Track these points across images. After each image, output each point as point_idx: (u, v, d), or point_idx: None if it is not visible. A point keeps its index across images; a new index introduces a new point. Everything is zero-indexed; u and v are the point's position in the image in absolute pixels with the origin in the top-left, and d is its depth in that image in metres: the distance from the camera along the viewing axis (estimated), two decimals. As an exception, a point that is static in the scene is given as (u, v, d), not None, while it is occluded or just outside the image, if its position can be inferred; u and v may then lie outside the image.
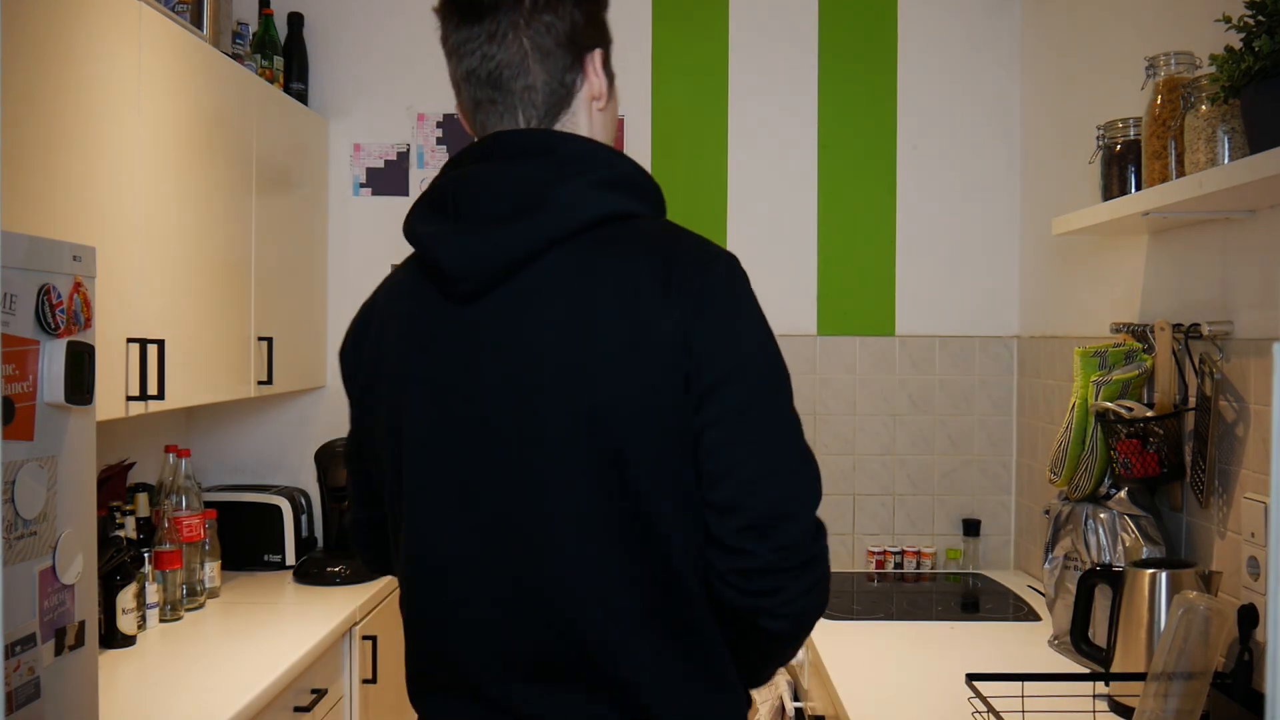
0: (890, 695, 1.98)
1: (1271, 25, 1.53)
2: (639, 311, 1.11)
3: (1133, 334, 2.20)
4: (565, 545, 1.13)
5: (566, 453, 1.12)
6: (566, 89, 1.22)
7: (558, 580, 1.13)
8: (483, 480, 1.16)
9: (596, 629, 1.12)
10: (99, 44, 1.96)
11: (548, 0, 1.20)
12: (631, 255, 1.14)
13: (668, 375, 1.11)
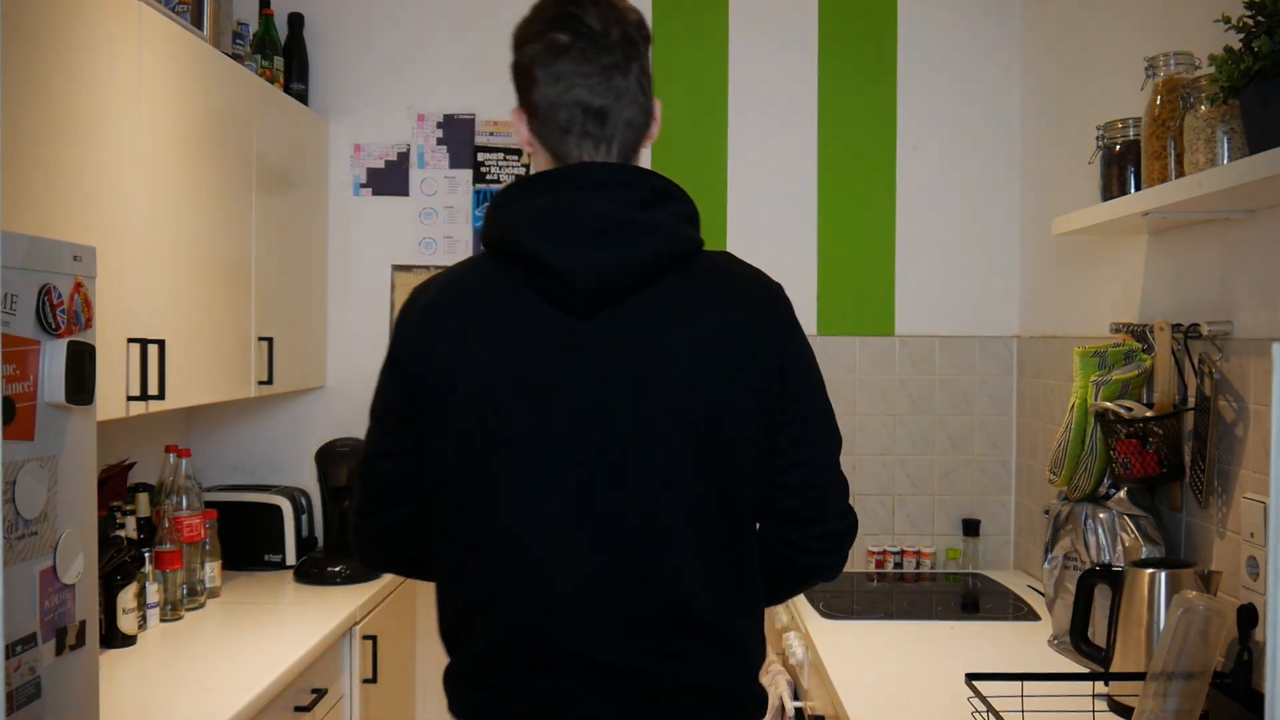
0: (890, 695, 1.99)
1: (1271, 25, 1.53)
2: (743, 338, 1.34)
3: (1132, 334, 2.20)
4: (672, 531, 1.32)
5: (679, 455, 1.31)
6: (645, 127, 1.39)
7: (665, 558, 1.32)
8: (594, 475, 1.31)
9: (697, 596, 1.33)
10: (99, 44, 1.96)
11: (641, 44, 1.35)
12: (729, 288, 1.37)
13: (766, 392, 1.34)
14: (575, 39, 1.32)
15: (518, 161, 3.19)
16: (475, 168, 3.19)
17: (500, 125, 3.19)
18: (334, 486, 3.00)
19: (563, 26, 1.33)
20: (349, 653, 2.57)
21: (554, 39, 1.33)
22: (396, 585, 2.99)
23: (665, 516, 1.32)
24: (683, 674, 1.34)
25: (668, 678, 1.34)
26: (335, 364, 3.21)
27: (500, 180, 3.19)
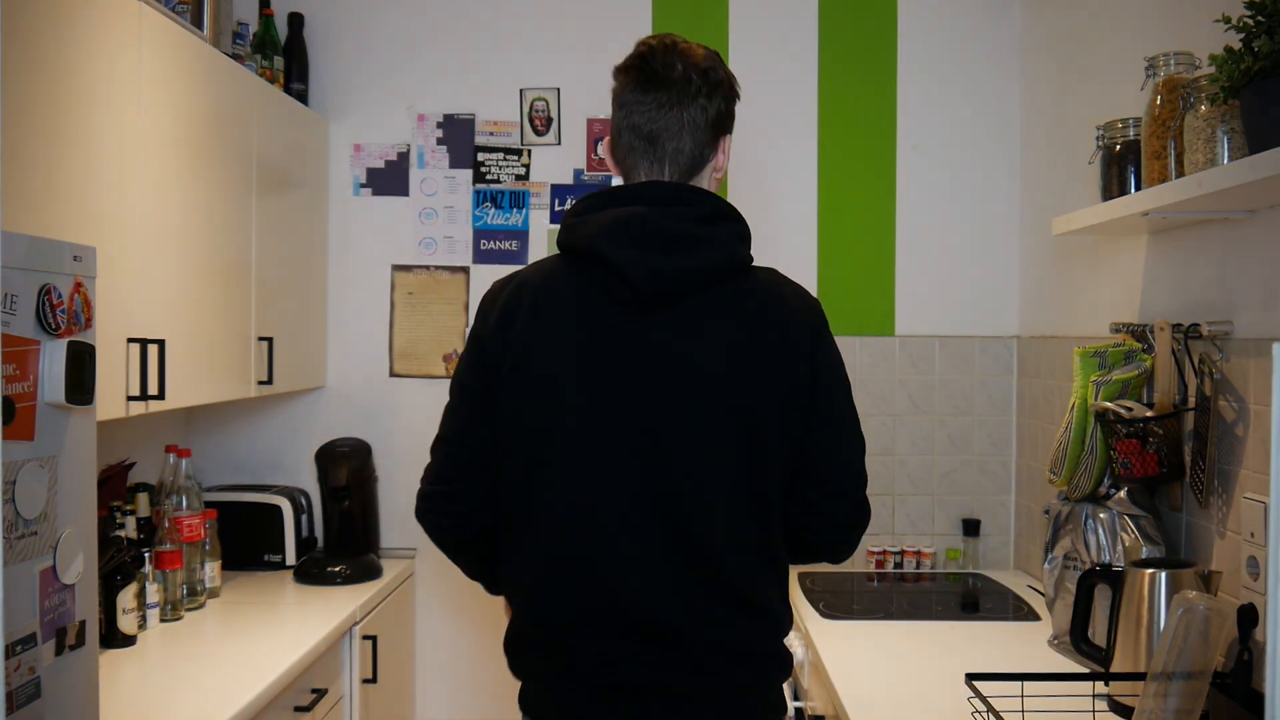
0: (890, 695, 1.99)
1: (1271, 25, 1.53)
2: (785, 344, 1.53)
3: (1132, 334, 2.20)
4: (715, 508, 1.51)
5: (719, 438, 1.50)
6: (702, 158, 1.59)
7: (708, 530, 1.50)
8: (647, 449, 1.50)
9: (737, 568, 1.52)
10: (99, 44, 1.96)
11: (705, 89, 1.56)
12: (775, 299, 1.55)
13: (801, 391, 1.54)
14: (640, 76, 1.56)
15: (518, 161, 3.19)
16: (475, 168, 3.19)
17: (500, 125, 3.19)
18: (334, 486, 3.00)
19: (634, 64, 1.58)
20: (349, 653, 2.57)
21: (625, 75, 1.58)
22: (396, 585, 2.99)
23: (708, 492, 1.50)
24: (722, 637, 1.52)
25: (710, 639, 1.51)
26: (335, 364, 3.21)
27: (500, 180, 3.19)
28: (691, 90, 1.55)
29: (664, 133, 1.56)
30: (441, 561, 3.20)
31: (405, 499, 3.18)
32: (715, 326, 1.52)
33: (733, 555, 1.52)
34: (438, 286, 3.20)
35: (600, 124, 3.18)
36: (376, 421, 3.19)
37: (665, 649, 1.51)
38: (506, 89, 3.19)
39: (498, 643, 3.27)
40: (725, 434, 1.50)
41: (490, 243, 3.19)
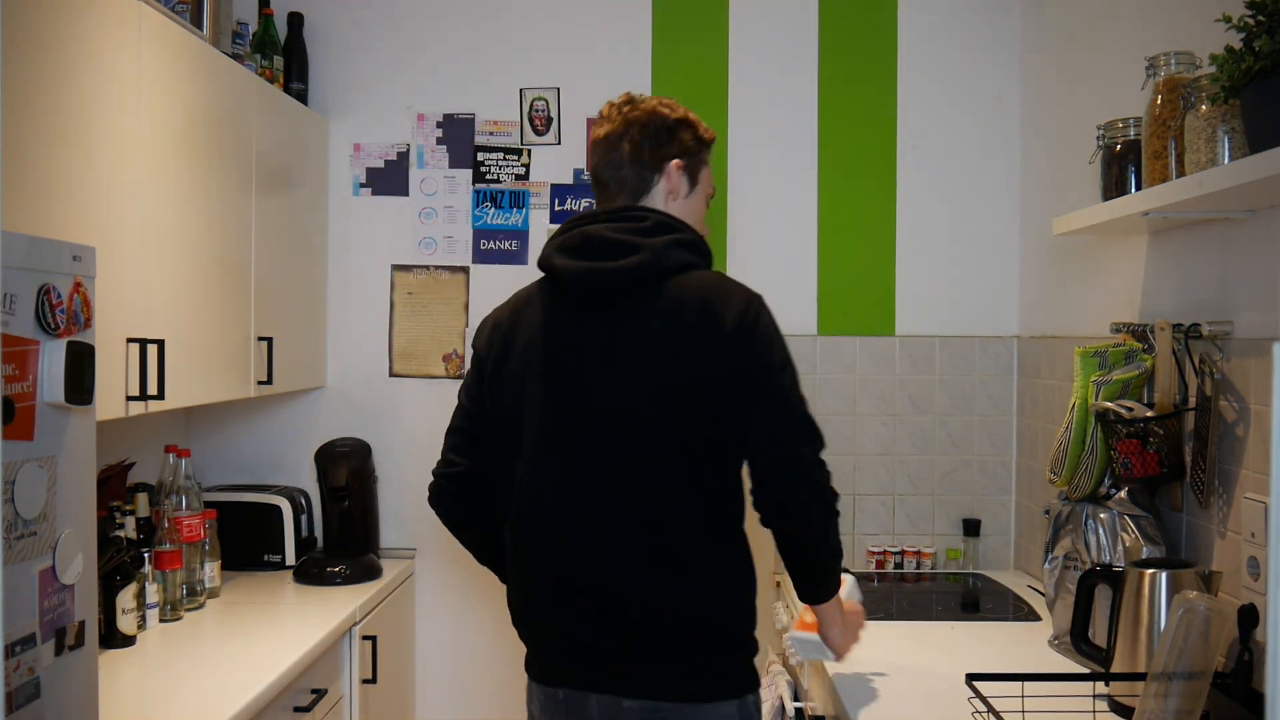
0: (890, 695, 1.98)
1: (1271, 25, 1.53)
2: (712, 331, 1.70)
3: (1133, 334, 2.20)
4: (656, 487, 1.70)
5: (654, 424, 1.70)
6: (646, 182, 1.85)
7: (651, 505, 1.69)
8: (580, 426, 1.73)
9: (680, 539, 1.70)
10: (99, 44, 1.96)
11: (625, 125, 1.86)
12: (705, 294, 1.73)
13: (728, 370, 1.69)
14: (599, 127, 1.89)
15: (517, 161, 3.19)
16: (475, 167, 3.19)
17: (499, 125, 3.19)
18: (334, 486, 3.00)
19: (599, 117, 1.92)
20: (349, 653, 2.57)
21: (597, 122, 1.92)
22: (396, 585, 2.99)
23: (649, 472, 1.70)
24: (665, 602, 1.69)
25: (653, 605, 1.69)
26: (335, 364, 3.21)
27: (500, 180, 3.19)
28: (616, 133, 1.85)
29: (607, 173, 1.86)
30: (441, 562, 3.21)
31: (405, 499, 3.19)
32: (646, 319, 1.73)
33: (676, 527, 1.70)
34: (438, 286, 3.20)
35: (600, 124, 3.18)
36: (376, 421, 3.19)
37: (616, 614, 1.70)
38: (506, 89, 3.19)
39: (498, 643, 3.29)
40: (656, 417, 1.70)
41: (490, 242, 3.19)
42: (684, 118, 1.90)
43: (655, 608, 1.69)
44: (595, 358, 1.74)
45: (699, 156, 1.90)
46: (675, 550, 1.70)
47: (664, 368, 1.71)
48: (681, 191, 1.87)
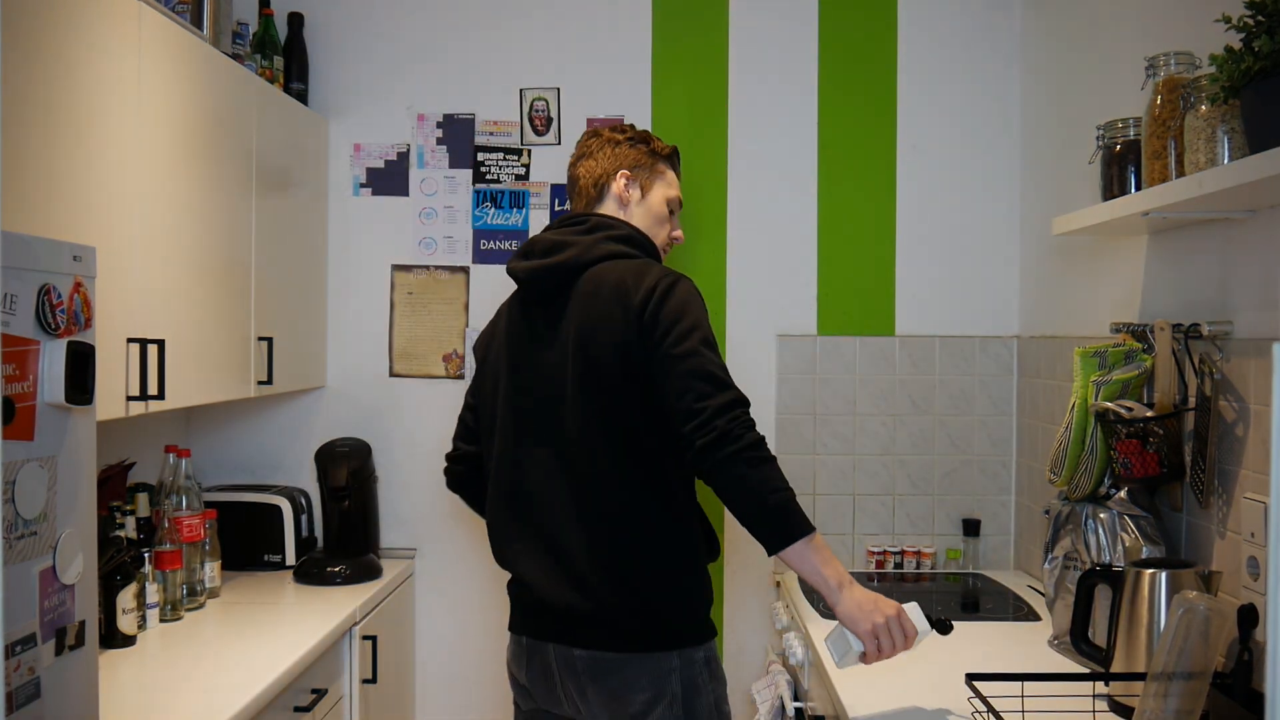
0: (890, 695, 1.98)
1: (1271, 25, 1.53)
2: (623, 308, 1.89)
3: (1133, 334, 2.20)
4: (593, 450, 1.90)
5: (586, 397, 1.91)
6: (600, 190, 2.13)
7: (590, 467, 1.91)
8: (534, 405, 1.99)
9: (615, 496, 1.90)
10: (99, 44, 1.96)
11: (580, 147, 2.18)
12: (621, 276, 1.93)
13: (637, 344, 1.87)
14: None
15: (517, 161, 3.19)
16: (475, 167, 3.19)
17: (500, 125, 3.19)
18: (334, 486, 3.00)
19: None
20: (349, 653, 2.57)
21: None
22: (396, 585, 2.99)
23: (586, 438, 1.91)
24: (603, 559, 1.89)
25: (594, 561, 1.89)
26: (335, 364, 3.21)
27: (500, 180, 3.19)
28: (581, 151, 2.17)
29: (577, 180, 2.15)
30: (442, 562, 3.21)
31: (405, 499, 3.19)
32: (576, 307, 1.95)
33: (609, 490, 1.89)
34: (437, 286, 3.20)
35: (600, 124, 3.18)
36: (376, 421, 3.19)
37: (564, 571, 1.92)
38: (506, 89, 3.19)
39: (498, 643, 3.28)
40: (584, 391, 1.91)
41: (490, 242, 3.19)
42: (633, 136, 2.16)
43: (595, 563, 1.89)
44: (540, 343, 2.00)
45: (651, 168, 2.15)
46: (609, 510, 1.90)
47: (586, 345, 1.92)
48: (632, 198, 2.12)
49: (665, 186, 2.15)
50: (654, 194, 2.14)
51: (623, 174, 2.12)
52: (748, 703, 3.07)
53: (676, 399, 1.82)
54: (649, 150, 2.15)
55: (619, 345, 1.88)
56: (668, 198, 2.15)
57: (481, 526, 3.19)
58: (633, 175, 2.13)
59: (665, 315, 1.87)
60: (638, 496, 1.90)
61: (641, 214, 2.12)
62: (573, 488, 1.92)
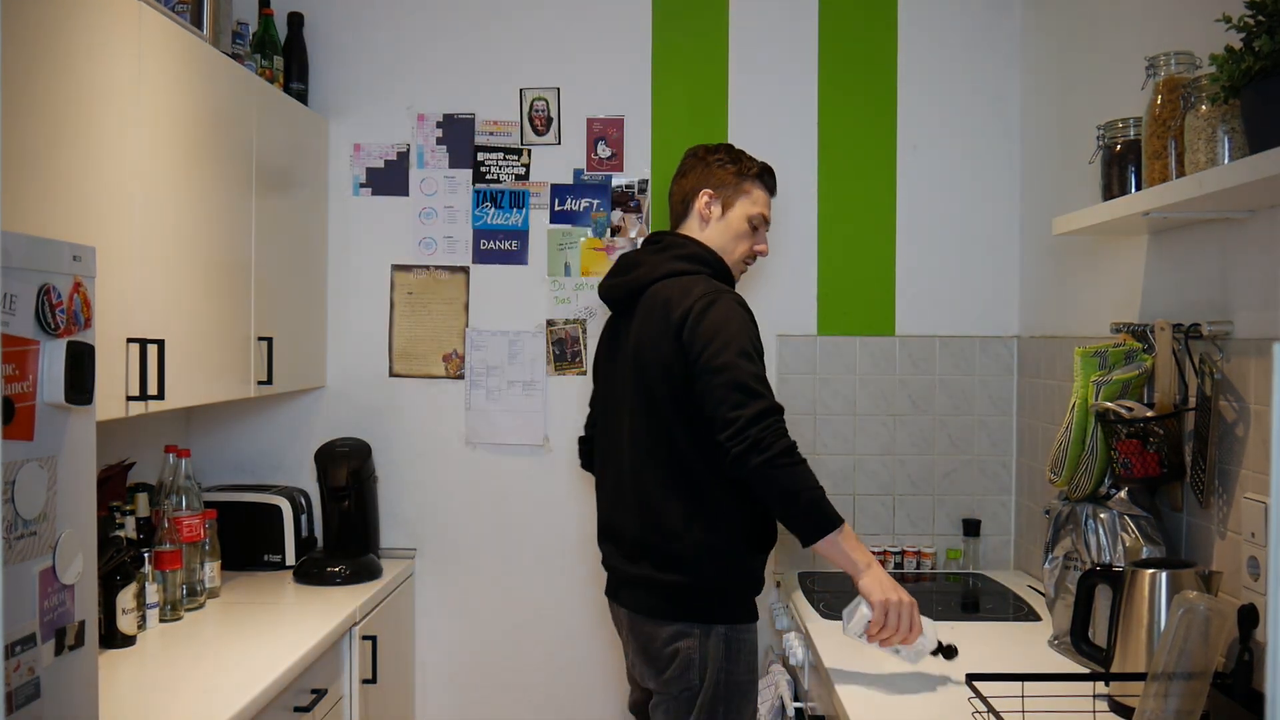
0: (890, 695, 1.98)
1: (1271, 25, 1.53)
2: (668, 319, 2.15)
3: (1133, 334, 2.20)
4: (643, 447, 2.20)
5: (638, 400, 2.21)
6: (685, 207, 2.37)
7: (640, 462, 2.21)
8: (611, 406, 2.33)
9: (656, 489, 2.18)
10: (99, 44, 1.96)
11: (682, 164, 2.41)
12: (671, 294, 2.18)
13: (676, 356, 2.13)
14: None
15: (517, 161, 3.19)
16: (475, 167, 3.19)
17: (500, 125, 3.19)
18: (334, 486, 3.00)
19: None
20: (349, 653, 2.57)
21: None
22: (396, 585, 2.99)
23: (639, 437, 2.20)
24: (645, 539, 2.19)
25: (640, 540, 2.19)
26: (335, 364, 3.21)
27: (500, 180, 3.19)
28: (677, 172, 2.41)
29: (672, 198, 2.40)
30: (441, 562, 3.21)
31: (405, 499, 3.19)
32: (637, 321, 2.24)
33: (654, 481, 2.17)
34: (437, 286, 3.20)
35: (599, 123, 3.18)
36: (376, 421, 3.19)
37: (620, 547, 2.26)
38: (506, 89, 3.19)
39: (497, 642, 3.29)
40: (636, 396, 2.21)
41: (490, 242, 3.19)
42: (729, 151, 2.38)
43: (640, 544, 2.19)
44: (615, 353, 2.33)
45: (736, 186, 2.34)
46: (653, 502, 2.17)
47: (639, 357, 2.20)
48: (713, 216, 2.33)
49: (748, 204, 2.34)
50: (735, 211, 2.33)
51: (705, 192, 2.32)
52: (748, 703, 3.07)
53: (713, 409, 2.04)
54: (736, 170, 2.34)
55: (662, 358, 2.14)
56: (749, 215, 2.33)
57: (481, 527, 3.20)
58: (715, 194, 2.32)
59: (702, 332, 2.08)
60: (671, 495, 2.15)
61: (720, 230, 2.32)
62: (630, 478, 2.22)
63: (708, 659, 2.14)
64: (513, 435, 3.18)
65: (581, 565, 3.19)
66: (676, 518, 2.14)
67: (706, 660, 2.14)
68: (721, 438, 2.02)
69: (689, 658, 2.14)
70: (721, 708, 2.14)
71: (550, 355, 3.18)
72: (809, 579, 2.97)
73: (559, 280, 3.18)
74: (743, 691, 2.17)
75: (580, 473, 3.16)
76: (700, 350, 2.07)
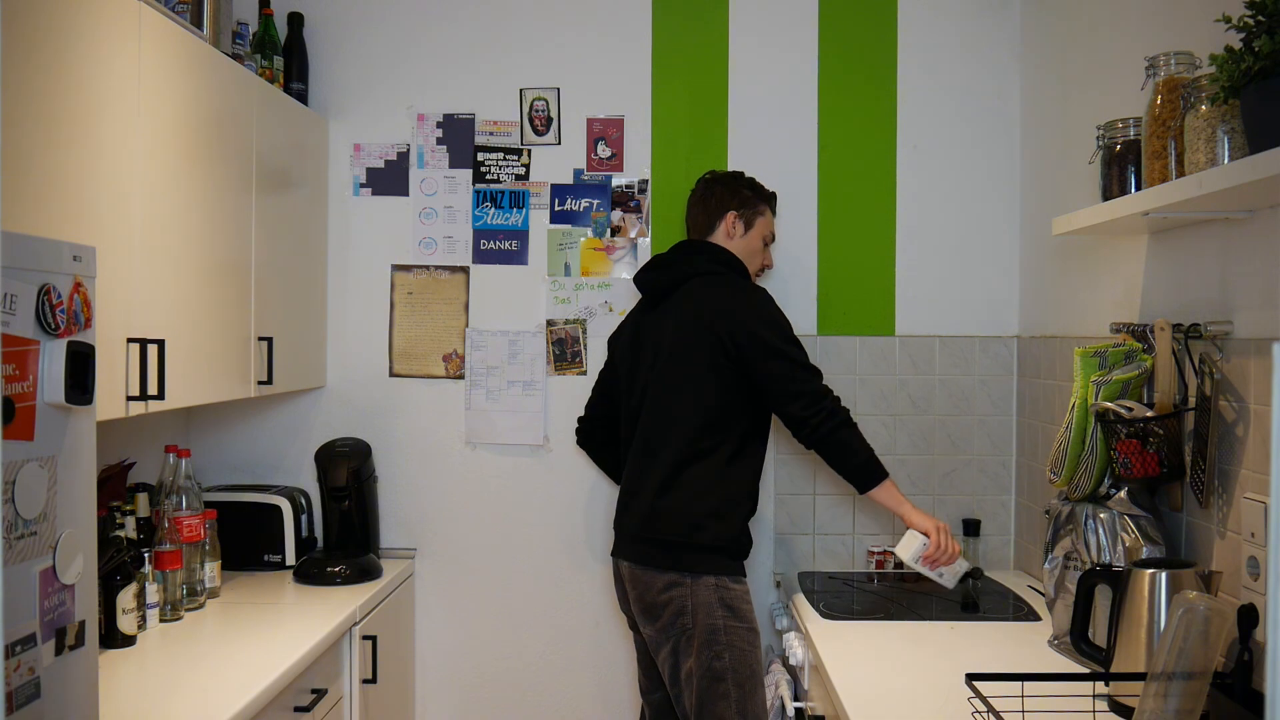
0: (890, 695, 1.99)
1: (1271, 25, 1.53)
2: (703, 316, 2.56)
3: (1133, 334, 2.20)
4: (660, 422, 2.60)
5: (672, 382, 2.60)
6: (710, 225, 2.75)
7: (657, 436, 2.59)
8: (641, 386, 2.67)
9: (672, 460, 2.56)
10: (99, 44, 1.96)
11: (700, 193, 2.79)
12: (703, 294, 2.61)
13: (725, 346, 2.53)
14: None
15: (517, 161, 3.19)
16: (475, 167, 3.19)
17: (500, 125, 3.19)
18: (334, 486, 3.00)
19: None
20: (349, 653, 2.57)
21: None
22: (396, 585, 2.99)
23: (658, 411, 2.61)
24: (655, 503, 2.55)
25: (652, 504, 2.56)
26: (335, 364, 3.21)
27: (500, 180, 3.19)
28: (695, 197, 2.81)
29: (691, 215, 2.81)
30: (441, 562, 3.21)
31: (405, 499, 3.19)
32: (673, 312, 2.62)
33: (671, 453, 2.54)
34: (437, 286, 3.20)
35: (599, 123, 3.18)
36: (376, 421, 3.19)
37: (630, 507, 2.62)
38: (506, 89, 3.19)
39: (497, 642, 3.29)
40: (672, 376, 2.59)
41: (490, 242, 3.19)
42: (746, 180, 2.78)
43: (650, 505, 2.55)
44: (650, 337, 2.67)
45: (755, 208, 2.74)
46: (669, 472, 2.54)
47: (678, 338, 2.59)
48: (737, 232, 2.73)
49: (763, 224, 2.76)
50: (754, 230, 2.74)
51: (732, 212, 2.72)
52: (748, 703, 3.07)
53: (783, 386, 2.50)
54: (755, 195, 2.75)
55: (710, 338, 2.52)
56: (764, 233, 2.76)
57: (481, 527, 3.20)
58: (740, 215, 2.72)
59: (755, 321, 2.52)
60: (683, 456, 2.53)
61: (742, 244, 2.73)
62: (645, 448, 2.60)
63: (699, 606, 2.47)
64: (513, 435, 3.19)
65: (581, 565, 3.19)
66: (685, 481, 2.52)
67: (698, 607, 2.47)
68: (796, 410, 2.49)
69: (681, 604, 2.48)
70: (720, 639, 2.46)
71: (550, 355, 3.18)
72: (809, 579, 2.97)
73: (559, 280, 3.18)
74: (739, 634, 2.48)
75: (580, 472, 3.16)
76: (757, 337, 2.50)
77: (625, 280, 3.13)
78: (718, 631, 2.46)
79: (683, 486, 2.52)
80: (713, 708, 2.44)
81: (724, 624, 2.46)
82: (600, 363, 3.05)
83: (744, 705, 2.45)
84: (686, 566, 2.48)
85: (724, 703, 2.44)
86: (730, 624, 2.47)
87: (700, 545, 2.49)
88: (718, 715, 2.44)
